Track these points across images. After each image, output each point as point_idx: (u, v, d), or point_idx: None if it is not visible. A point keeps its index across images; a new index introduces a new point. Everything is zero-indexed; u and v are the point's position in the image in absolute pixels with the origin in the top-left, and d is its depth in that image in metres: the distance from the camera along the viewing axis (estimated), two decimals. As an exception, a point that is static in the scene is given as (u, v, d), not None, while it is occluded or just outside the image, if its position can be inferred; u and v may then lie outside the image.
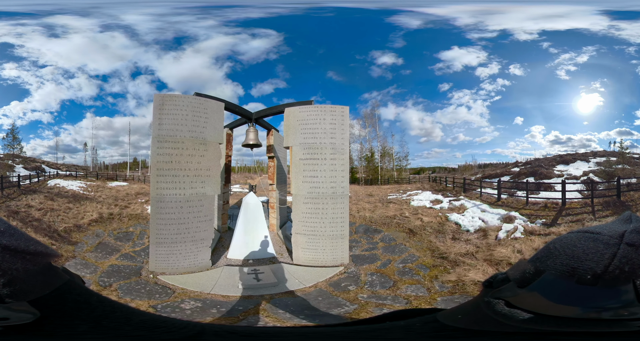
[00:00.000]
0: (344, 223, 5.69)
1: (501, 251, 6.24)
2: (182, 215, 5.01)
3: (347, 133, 5.84)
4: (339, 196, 5.66)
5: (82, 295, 0.54)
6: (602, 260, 0.43)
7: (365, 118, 46.03)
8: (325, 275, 5.10)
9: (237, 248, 5.94)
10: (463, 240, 7.38)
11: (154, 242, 4.97)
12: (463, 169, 51.44)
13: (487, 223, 8.89)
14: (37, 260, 0.48)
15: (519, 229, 7.92)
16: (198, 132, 5.13)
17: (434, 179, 32.54)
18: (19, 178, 16.89)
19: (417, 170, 58.38)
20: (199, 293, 4.29)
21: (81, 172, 38.75)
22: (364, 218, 10.09)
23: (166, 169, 4.98)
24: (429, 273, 5.32)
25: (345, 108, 5.84)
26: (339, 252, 5.62)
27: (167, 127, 4.97)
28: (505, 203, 12.80)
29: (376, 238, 7.76)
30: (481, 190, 15.85)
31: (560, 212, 10.35)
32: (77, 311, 0.51)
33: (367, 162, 44.65)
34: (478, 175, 31.19)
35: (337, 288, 4.66)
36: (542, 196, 12.85)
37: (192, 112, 5.09)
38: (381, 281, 4.95)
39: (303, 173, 5.67)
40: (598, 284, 0.43)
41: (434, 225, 8.95)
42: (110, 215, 10.07)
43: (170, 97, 5.09)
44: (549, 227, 8.49)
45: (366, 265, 5.79)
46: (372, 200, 15.53)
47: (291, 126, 5.86)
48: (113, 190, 19.90)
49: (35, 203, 11.32)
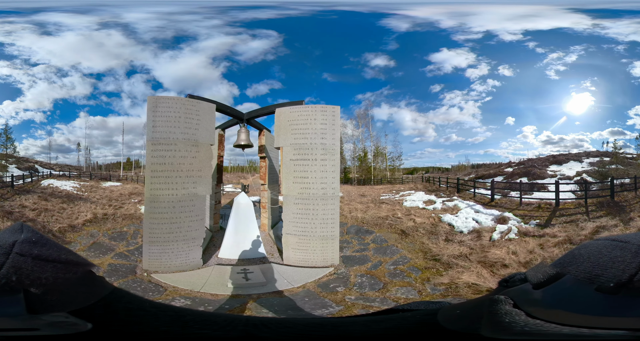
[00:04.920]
0: (334, 224, 5.69)
1: (495, 252, 6.13)
2: (175, 214, 5.15)
3: (338, 134, 5.76)
4: (329, 197, 5.64)
5: (132, 302, 0.55)
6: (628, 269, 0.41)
7: (359, 118, 46.42)
8: (315, 275, 5.13)
9: (228, 248, 6.03)
10: (456, 242, 7.26)
11: (147, 240, 5.11)
12: (456, 169, 52.00)
13: (481, 224, 8.81)
14: (69, 270, 0.48)
15: (513, 230, 7.87)
16: (190, 134, 5.28)
17: (428, 179, 32.70)
18: (12, 179, 16.85)
19: (410, 170, 58.98)
20: (189, 291, 4.41)
21: (74, 172, 38.50)
22: (356, 218, 10.05)
23: (160, 170, 5.12)
24: (420, 275, 5.23)
25: (336, 108, 5.74)
26: (329, 253, 5.63)
27: (160, 129, 5.12)
28: (499, 204, 12.77)
29: (367, 239, 7.69)
30: (475, 190, 15.85)
31: (554, 213, 10.35)
32: (131, 318, 0.51)
33: (360, 162, 44.81)
34: (471, 176, 31.32)
35: (325, 289, 4.66)
36: (536, 196, 12.97)
37: (185, 114, 5.23)
38: (371, 283, 4.92)
39: (294, 174, 5.71)
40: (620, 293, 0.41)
41: (426, 226, 8.83)
42: (105, 215, 10.13)
43: (163, 99, 5.23)
44: (543, 227, 8.45)
45: (356, 266, 5.76)
46: (364, 201, 15.48)
47: (282, 126, 5.88)
48: (107, 190, 19.88)
49: (29, 203, 11.34)
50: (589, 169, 23.80)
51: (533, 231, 7.96)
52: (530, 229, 8.19)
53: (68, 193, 17.16)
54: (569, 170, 24.58)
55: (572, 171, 23.99)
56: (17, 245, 0.45)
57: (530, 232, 7.88)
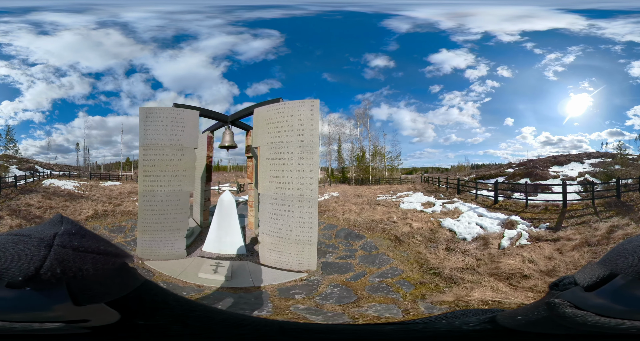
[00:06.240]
0: (311, 229, 5.36)
1: (509, 262, 5.50)
2: (163, 207, 5.94)
3: (317, 129, 5.39)
4: (306, 199, 5.36)
5: (159, 295, 0.55)
6: None
7: (357, 118, 46.22)
8: (283, 279, 5.00)
9: (210, 243, 6.43)
10: (459, 251, 6.53)
11: (141, 230, 5.90)
12: (456, 169, 52.05)
13: (487, 230, 8.12)
14: (108, 261, 0.48)
15: (524, 235, 7.26)
16: (176, 140, 6.05)
17: (426, 180, 31.80)
18: (15, 179, 17.35)
19: (409, 170, 59.24)
20: (168, 277, 5.06)
21: (74, 172, 38.76)
22: (348, 221, 9.71)
23: (150, 171, 5.94)
24: (412, 291, 4.53)
25: (315, 102, 5.42)
26: (305, 258, 5.38)
27: (150, 136, 5.95)
28: (503, 206, 12.08)
29: (356, 245, 7.17)
30: (477, 191, 14.86)
31: (562, 215, 9.98)
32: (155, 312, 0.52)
33: (358, 162, 44.40)
34: (472, 176, 30.61)
35: (282, 294, 4.43)
36: (541, 198, 12.46)
37: (171, 122, 6.01)
38: (341, 295, 4.41)
39: (270, 173, 5.80)
40: None
41: (424, 233, 8.21)
42: (105, 211, 10.89)
43: (152, 110, 6.04)
44: (555, 231, 7.99)
45: (335, 274, 5.29)
46: (359, 202, 15.16)
47: (259, 126, 5.99)
48: (106, 189, 20.56)
49: (34, 202, 12.06)
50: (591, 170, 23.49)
51: (546, 235, 7.48)
52: (542, 233, 7.69)
53: (70, 192, 17.87)
54: (570, 171, 23.86)
55: (574, 172, 23.43)
56: (58, 238, 0.45)
57: (542, 236, 7.39)
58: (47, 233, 0.45)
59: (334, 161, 46.34)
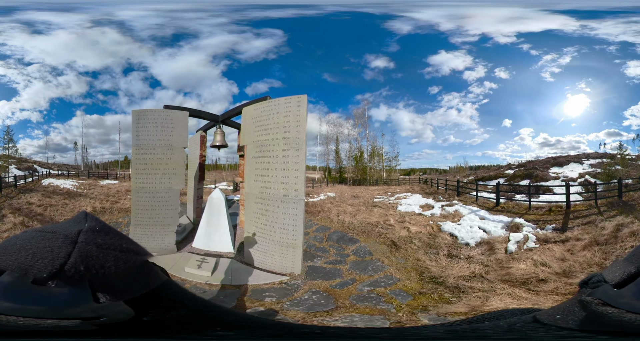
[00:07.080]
0: (296, 232, 5.15)
1: (520, 267, 5.35)
2: (154, 203, 6.35)
3: (305, 125, 5.13)
4: (291, 200, 5.14)
5: (177, 295, 0.56)
6: None
7: (356, 118, 46.16)
8: (263, 280, 4.89)
9: (200, 239, 6.62)
10: (463, 257, 6.20)
11: (134, 223, 6.33)
12: (455, 171, 51.95)
13: (490, 234, 7.79)
14: (130, 258, 0.48)
15: (531, 238, 7.05)
16: (166, 140, 6.43)
17: (425, 181, 30.83)
18: (15, 179, 17.45)
19: (407, 171, 59.13)
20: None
21: (72, 171, 38.72)
22: (342, 223, 9.37)
23: (142, 169, 6.35)
24: (410, 302, 4.12)
25: (302, 97, 5.15)
26: (289, 262, 5.20)
27: (142, 137, 6.35)
28: (505, 208, 11.83)
29: (348, 250, 6.77)
30: (477, 193, 14.43)
31: (567, 215, 9.97)
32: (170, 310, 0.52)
33: (355, 162, 44.39)
34: (471, 177, 29.94)
35: (253, 295, 4.28)
36: (543, 199, 12.32)
37: (161, 123, 6.40)
38: (316, 303, 4.05)
39: (255, 172, 5.82)
40: None
41: (423, 237, 7.81)
42: (103, 208, 11.25)
43: (144, 112, 6.44)
44: (562, 232, 7.89)
45: (319, 280, 4.95)
46: (356, 203, 14.78)
47: (247, 125, 6.02)
48: (104, 187, 20.86)
49: (34, 200, 12.44)
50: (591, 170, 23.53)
51: (553, 236, 7.36)
52: (550, 234, 7.57)
53: (69, 190, 18.20)
54: (570, 172, 23.57)
55: (574, 173, 23.14)
56: (82, 234, 0.46)
57: (550, 237, 7.28)
58: (72, 230, 0.46)
59: (332, 161, 46.56)
